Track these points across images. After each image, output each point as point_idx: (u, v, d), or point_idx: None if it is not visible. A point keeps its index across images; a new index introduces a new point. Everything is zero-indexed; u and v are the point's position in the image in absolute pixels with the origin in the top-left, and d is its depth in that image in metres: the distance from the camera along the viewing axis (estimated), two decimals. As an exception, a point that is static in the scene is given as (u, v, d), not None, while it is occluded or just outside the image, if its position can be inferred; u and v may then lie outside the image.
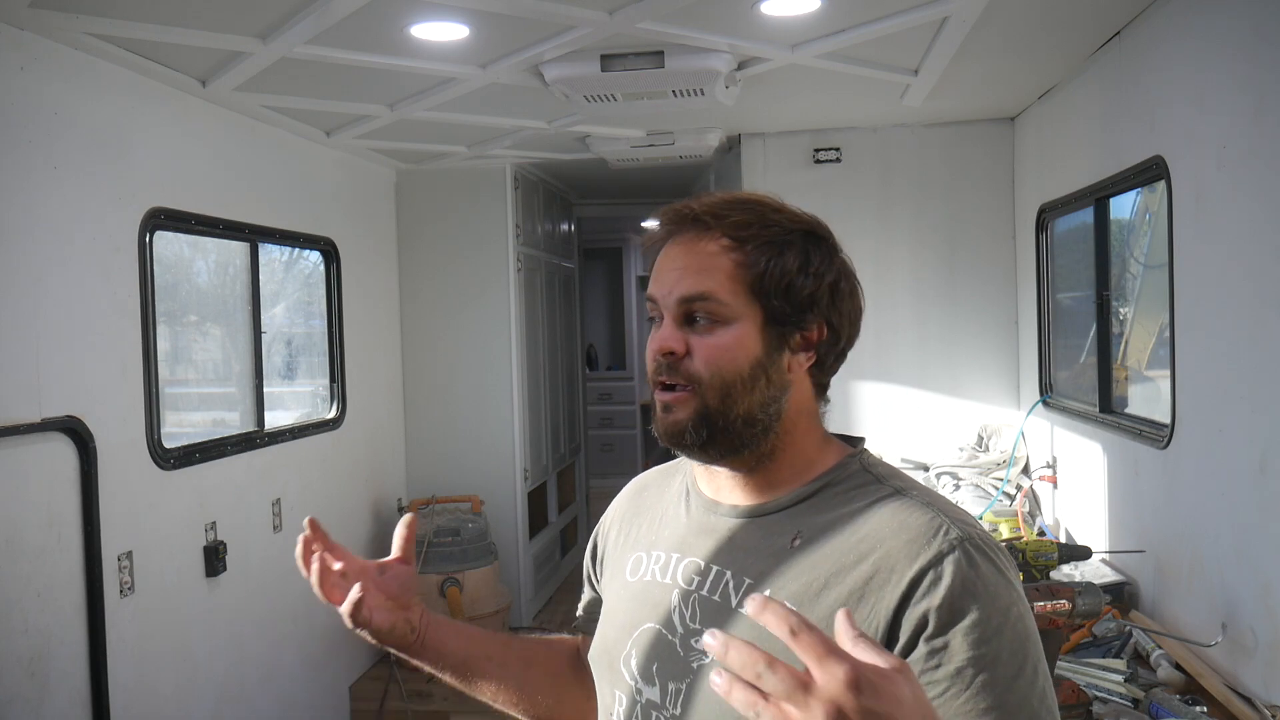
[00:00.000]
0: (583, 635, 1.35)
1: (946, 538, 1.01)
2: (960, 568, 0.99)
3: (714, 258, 1.07)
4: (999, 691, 0.95)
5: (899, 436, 4.36)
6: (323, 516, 1.26)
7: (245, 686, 3.55)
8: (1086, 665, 2.44)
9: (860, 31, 2.93)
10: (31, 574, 2.56)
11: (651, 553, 1.19)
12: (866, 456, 1.14)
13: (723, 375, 1.06)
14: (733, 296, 1.06)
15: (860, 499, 1.07)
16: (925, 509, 1.04)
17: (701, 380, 1.06)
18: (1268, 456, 2.21)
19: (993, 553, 1.02)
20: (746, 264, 1.06)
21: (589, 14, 2.70)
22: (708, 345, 1.06)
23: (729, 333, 1.06)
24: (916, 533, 1.02)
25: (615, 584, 1.24)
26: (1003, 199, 4.40)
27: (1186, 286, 2.62)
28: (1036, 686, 0.98)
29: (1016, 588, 1.02)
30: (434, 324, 5.03)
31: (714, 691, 1.06)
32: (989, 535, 1.05)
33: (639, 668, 1.13)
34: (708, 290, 1.06)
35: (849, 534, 1.04)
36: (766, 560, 1.07)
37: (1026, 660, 0.98)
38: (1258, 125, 2.24)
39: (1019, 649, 0.98)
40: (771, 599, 0.75)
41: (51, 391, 2.63)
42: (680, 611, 1.11)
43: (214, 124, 3.43)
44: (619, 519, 1.30)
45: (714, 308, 1.06)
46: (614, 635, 1.18)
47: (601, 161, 4.80)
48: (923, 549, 1.00)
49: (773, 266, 1.06)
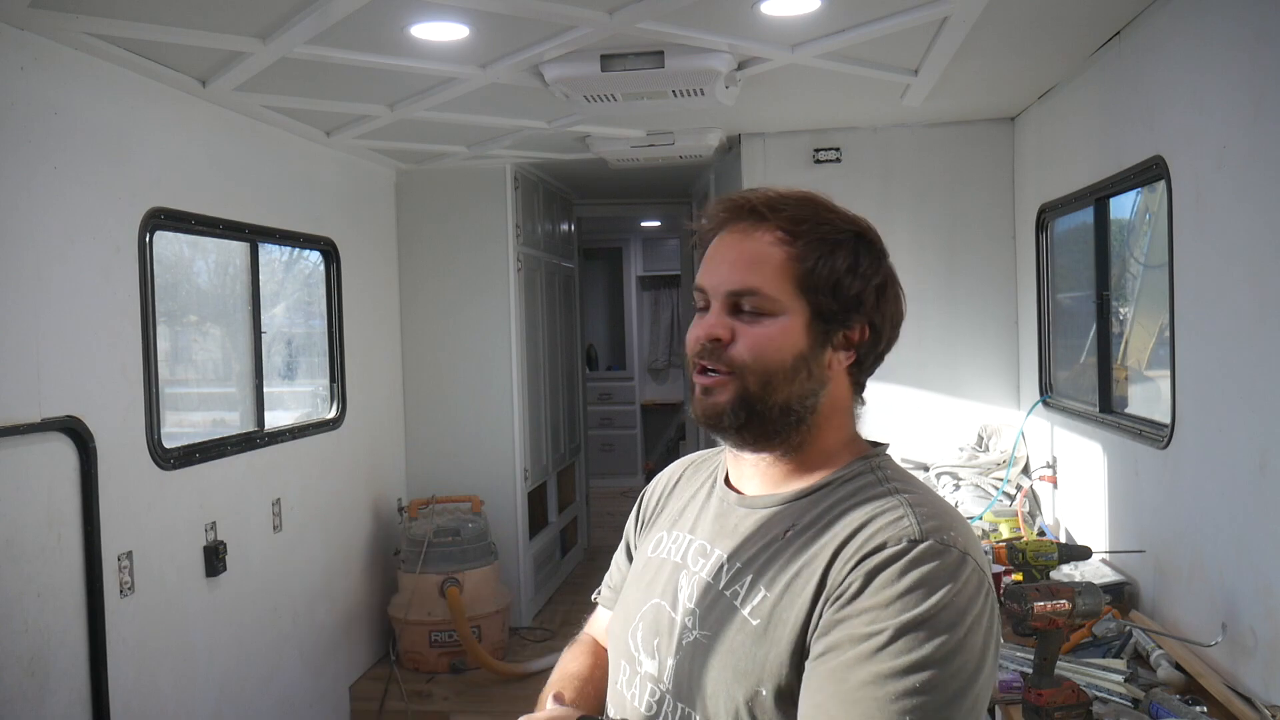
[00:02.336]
0: (600, 603, 1.42)
1: (901, 530, 1.03)
2: (897, 555, 1.00)
3: (766, 251, 1.10)
4: (868, 667, 0.96)
5: (899, 436, 4.28)
6: (323, 516, 1.26)
7: (245, 686, 3.55)
8: (1086, 665, 2.44)
9: (860, 31, 2.93)
10: (31, 574, 2.56)
11: (672, 533, 1.24)
12: (880, 459, 1.16)
13: (765, 364, 1.09)
14: (780, 291, 1.09)
15: (856, 496, 1.10)
16: (901, 506, 1.06)
17: (744, 367, 1.09)
18: (1268, 456, 2.21)
19: (954, 562, 1.00)
20: (798, 259, 1.10)
21: (589, 14, 2.70)
22: (753, 334, 1.10)
23: (775, 324, 1.10)
24: (878, 526, 1.04)
25: (640, 557, 1.29)
26: (1003, 199, 4.40)
27: (1186, 286, 2.62)
28: (919, 691, 0.94)
29: (965, 600, 0.98)
30: (434, 324, 5.03)
31: (700, 671, 1.09)
32: (969, 549, 1.03)
33: (642, 641, 1.17)
34: (755, 286, 1.10)
35: (830, 528, 1.07)
36: (758, 548, 1.11)
37: (920, 660, 0.95)
38: (1258, 125, 2.24)
39: (918, 645, 0.96)
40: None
41: (51, 391, 2.63)
42: (683, 589, 1.15)
43: (214, 124, 3.43)
44: (664, 494, 1.34)
45: (760, 302, 1.10)
46: (627, 609, 1.23)
47: (601, 161, 4.81)
48: (873, 540, 1.03)
49: (823, 265, 1.10)
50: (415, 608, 4.45)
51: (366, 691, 4.41)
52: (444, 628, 4.44)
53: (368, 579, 4.60)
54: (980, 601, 1.00)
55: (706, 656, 1.08)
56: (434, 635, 4.46)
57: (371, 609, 4.63)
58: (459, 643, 4.40)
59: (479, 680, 4.42)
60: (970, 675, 0.98)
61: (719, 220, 1.15)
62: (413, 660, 4.51)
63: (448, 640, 4.45)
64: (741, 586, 1.09)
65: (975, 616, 0.99)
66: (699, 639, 1.10)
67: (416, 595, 4.45)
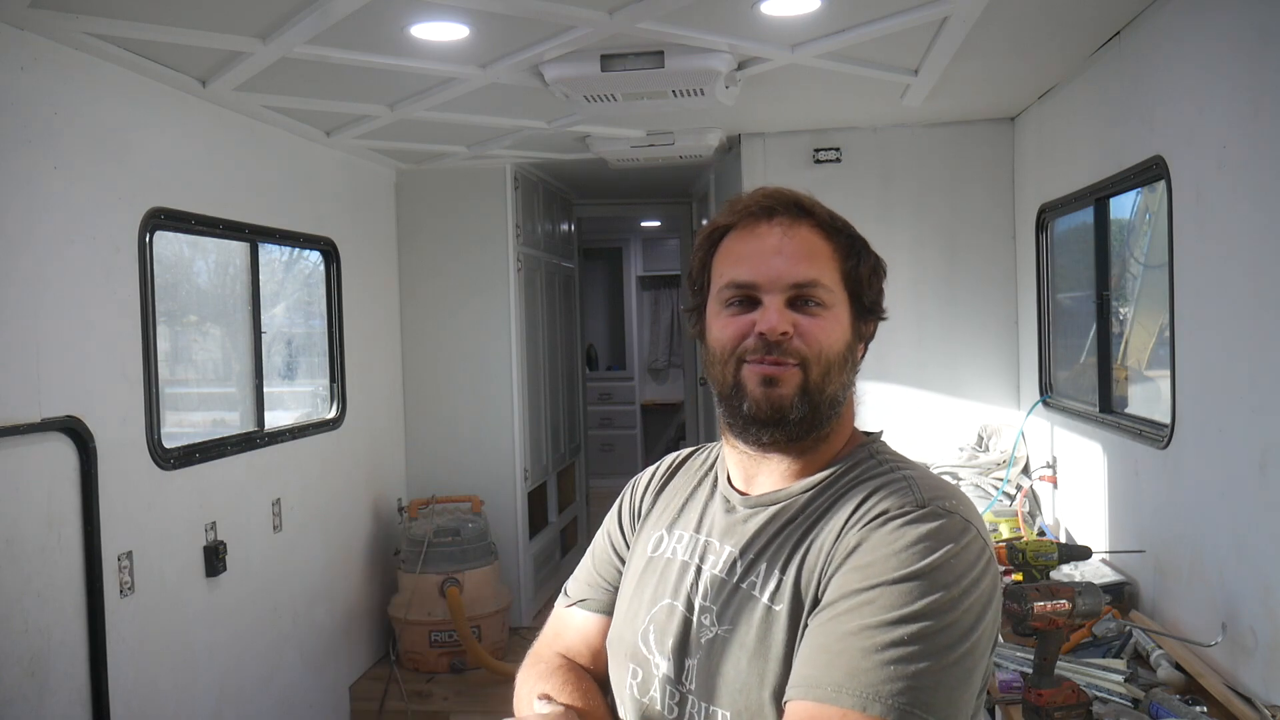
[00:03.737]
0: (575, 607, 1.33)
1: (901, 500, 1.05)
2: (895, 516, 1.03)
3: (818, 246, 1.14)
4: (857, 617, 0.97)
5: (899, 436, 4.29)
6: (323, 516, 1.26)
7: (245, 686, 3.55)
8: (1086, 665, 2.44)
9: (860, 31, 2.93)
10: (31, 574, 2.56)
11: (674, 531, 1.24)
12: (877, 445, 1.19)
13: (828, 355, 1.13)
14: (835, 284, 1.14)
15: (860, 478, 1.13)
16: (902, 483, 1.09)
17: (809, 358, 1.12)
18: (1268, 456, 2.21)
19: (957, 526, 1.02)
20: (841, 255, 1.15)
21: (589, 14, 2.70)
22: (818, 326, 1.13)
23: (833, 316, 1.14)
24: (880, 497, 1.07)
25: (637, 557, 1.27)
26: (1003, 199, 4.40)
27: (1186, 286, 2.62)
28: (919, 658, 0.94)
29: (964, 564, 1.00)
30: (434, 324, 5.03)
31: (723, 667, 1.08)
32: (971, 517, 1.05)
33: (656, 642, 1.16)
34: (816, 278, 1.13)
35: (837, 509, 1.10)
36: (767, 538, 1.13)
37: (911, 613, 0.95)
38: (1258, 125, 2.24)
39: (910, 597, 0.96)
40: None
41: (51, 391, 2.63)
42: (694, 588, 1.15)
43: (214, 124, 3.43)
44: (655, 492, 1.33)
45: (822, 294, 1.13)
46: (635, 611, 1.21)
47: (601, 161, 4.81)
48: (876, 508, 1.06)
49: (862, 263, 1.16)
50: (415, 608, 4.45)
51: (366, 691, 4.41)
52: (444, 628, 4.44)
53: (368, 579, 4.60)
54: (981, 566, 1.01)
55: (728, 650, 1.08)
56: (434, 635, 4.46)
57: (371, 609, 4.63)
58: (459, 643, 4.40)
59: (479, 680, 4.42)
60: (962, 634, 0.97)
61: (751, 213, 1.16)
62: (413, 660, 4.51)
63: (448, 640, 4.45)
64: (757, 576, 1.10)
65: (974, 579, 1.00)
66: (719, 635, 1.10)
67: (416, 595, 4.45)
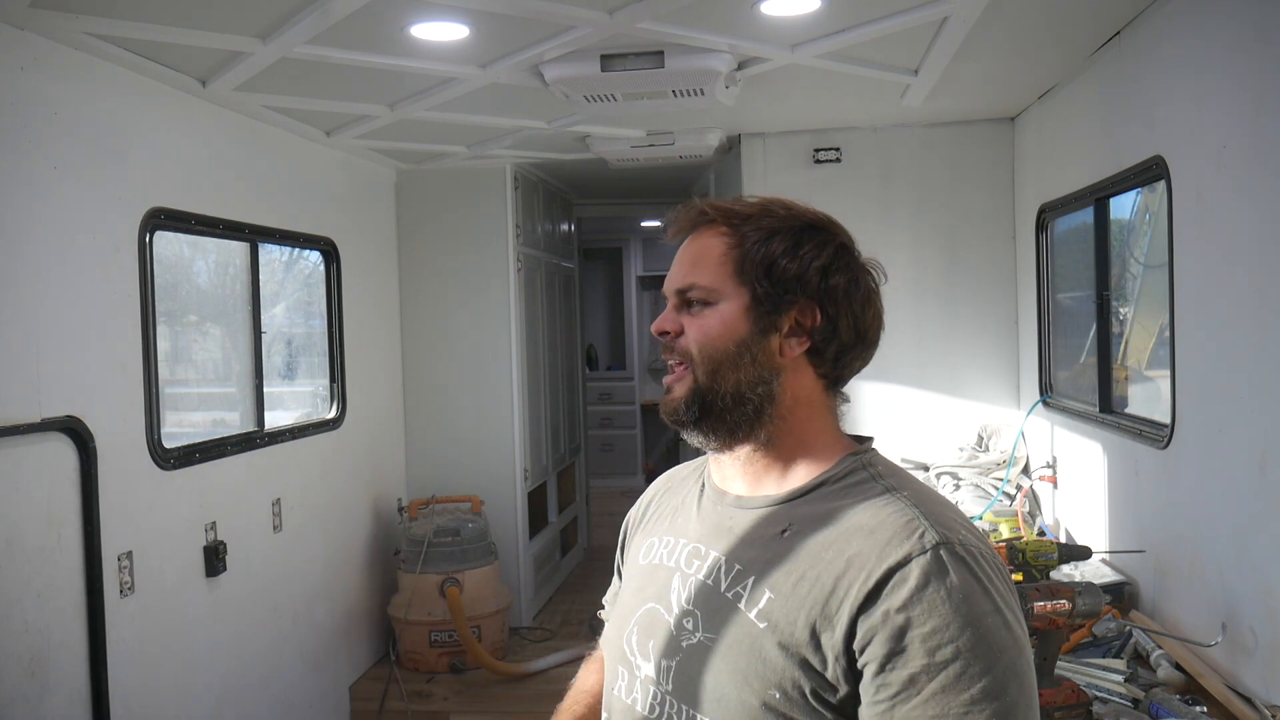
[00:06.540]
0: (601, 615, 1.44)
1: (920, 540, 1.02)
2: (927, 571, 0.99)
3: (709, 247, 1.15)
4: (949, 699, 0.96)
5: (899, 436, 4.36)
6: (323, 516, 1.27)
7: (245, 686, 3.55)
8: (1086, 665, 2.44)
9: (860, 31, 2.93)
10: (31, 574, 2.56)
11: (663, 538, 1.24)
12: (869, 455, 1.15)
13: (709, 352, 1.13)
14: (718, 280, 1.14)
15: (852, 496, 1.10)
16: (907, 509, 1.05)
17: (691, 356, 1.14)
18: (1268, 456, 2.21)
19: (974, 560, 1.01)
20: (736, 247, 1.14)
21: (589, 14, 2.70)
22: (696, 324, 1.15)
23: (715, 312, 1.14)
24: (891, 532, 1.03)
25: (630, 568, 1.30)
26: (1003, 199, 4.40)
27: (1186, 286, 2.62)
28: (997, 702, 0.96)
29: (997, 598, 1.00)
30: (434, 324, 5.03)
31: (704, 676, 1.09)
32: (977, 542, 1.04)
33: (638, 644, 1.18)
34: (694, 279, 1.15)
35: (833, 530, 1.07)
36: (757, 548, 1.11)
37: (990, 673, 0.96)
38: (1258, 125, 2.24)
39: (984, 660, 0.96)
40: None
41: (51, 391, 2.63)
42: (677, 592, 1.16)
43: (214, 124, 3.43)
44: (644, 511, 1.36)
45: (700, 294, 1.14)
46: (621, 615, 1.24)
47: (601, 161, 4.80)
48: (893, 549, 1.02)
49: (757, 250, 1.13)
50: (415, 608, 4.45)
51: (366, 691, 4.41)
52: (444, 628, 4.44)
53: (368, 579, 4.60)
54: (1006, 591, 1.02)
55: (711, 659, 1.08)
56: (434, 635, 4.46)
57: (371, 609, 4.63)
58: (459, 643, 4.40)
59: (479, 680, 4.42)
60: (1030, 684, 1.01)
61: (675, 231, 1.20)
62: (413, 660, 4.51)
63: (448, 640, 4.45)
64: (744, 589, 1.09)
65: (1016, 616, 1.01)
66: (702, 641, 1.10)
67: (416, 595, 4.45)
